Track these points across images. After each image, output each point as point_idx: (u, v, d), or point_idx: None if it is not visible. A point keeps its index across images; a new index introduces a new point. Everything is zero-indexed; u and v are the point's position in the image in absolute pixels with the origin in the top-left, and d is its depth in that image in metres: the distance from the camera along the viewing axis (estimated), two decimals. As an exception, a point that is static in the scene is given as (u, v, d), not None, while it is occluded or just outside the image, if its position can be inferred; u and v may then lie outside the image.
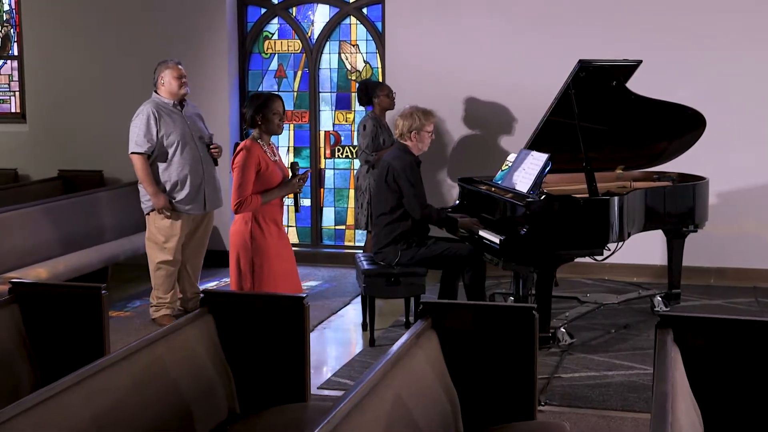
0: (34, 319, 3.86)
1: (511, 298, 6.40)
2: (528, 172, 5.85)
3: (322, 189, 8.54)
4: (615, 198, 5.65)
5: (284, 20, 8.51)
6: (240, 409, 3.66)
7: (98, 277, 6.90)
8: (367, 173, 7.35)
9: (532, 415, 3.51)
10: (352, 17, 8.35)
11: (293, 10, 8.49)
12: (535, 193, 5.68)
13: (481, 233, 5.85)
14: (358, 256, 6.29)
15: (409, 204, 5.89)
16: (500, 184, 6.11)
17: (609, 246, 5.69)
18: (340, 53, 8.42)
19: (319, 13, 8.45)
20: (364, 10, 8.30)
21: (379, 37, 8.20)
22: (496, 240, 5.62)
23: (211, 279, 7.59)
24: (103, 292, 3.87)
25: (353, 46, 8.39)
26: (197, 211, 6.21)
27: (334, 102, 8.52)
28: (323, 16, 8.43)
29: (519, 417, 3.50)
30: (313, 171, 8.42)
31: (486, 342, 3.51)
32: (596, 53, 6.26)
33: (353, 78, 8.40)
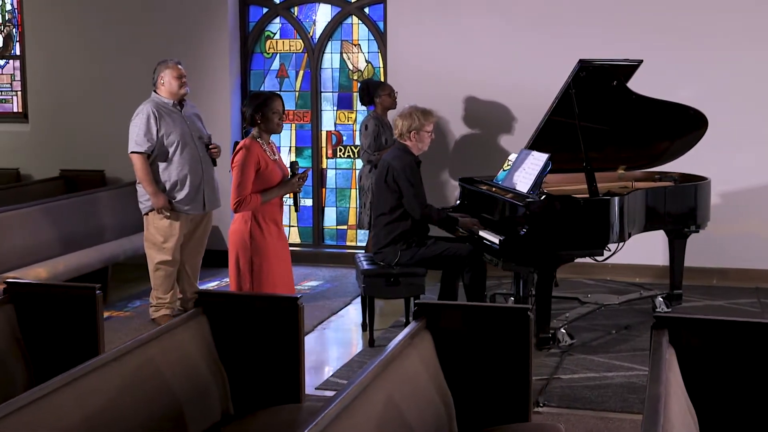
0: (29, 319, 3.85)
1: (511, 298, 6.38)
2: (528, 172, 5.84)
3: (323, 189, 8.53)
4: (615, 198, 5.64)
5: (286, 20, 8.50)
6: (234, 410, 3.64)
7: (98, 277, 6.89)
8: (369, 173, 7.32)
9: (527, 417, 3.49)
10: (353, 17, 8.34)
11: (295, 10, 8.48)
12: (536, 193, 5.66)
13: (481, 233, 5.83)
14: (358, 256, 6.28)
15: (409, 204, 5.87)
16: (501, 184, 6.09)
17: (609, 246, 5.68)
18: (341, 53, 8.41)
19: (320, 13, 8.44)
20: (365, 10, 8.29)
21: (381, 37, 8.18)
22: (496, 240, 5.60)
23: (211, 279, 7.58)
24: (98, 292, 3.86)
25: (355, 45, 8.38)
26: (196, 212, 6.20)
27: (335, 102, 8.50)
28: (325, 15, 8.42)
29: (514, 418, 3.48)
30: (315, 171, 8.41)
31: (481, 343, 3.49)
32: (596, 53, 6.25)
33: (355, 78, 8.39)
